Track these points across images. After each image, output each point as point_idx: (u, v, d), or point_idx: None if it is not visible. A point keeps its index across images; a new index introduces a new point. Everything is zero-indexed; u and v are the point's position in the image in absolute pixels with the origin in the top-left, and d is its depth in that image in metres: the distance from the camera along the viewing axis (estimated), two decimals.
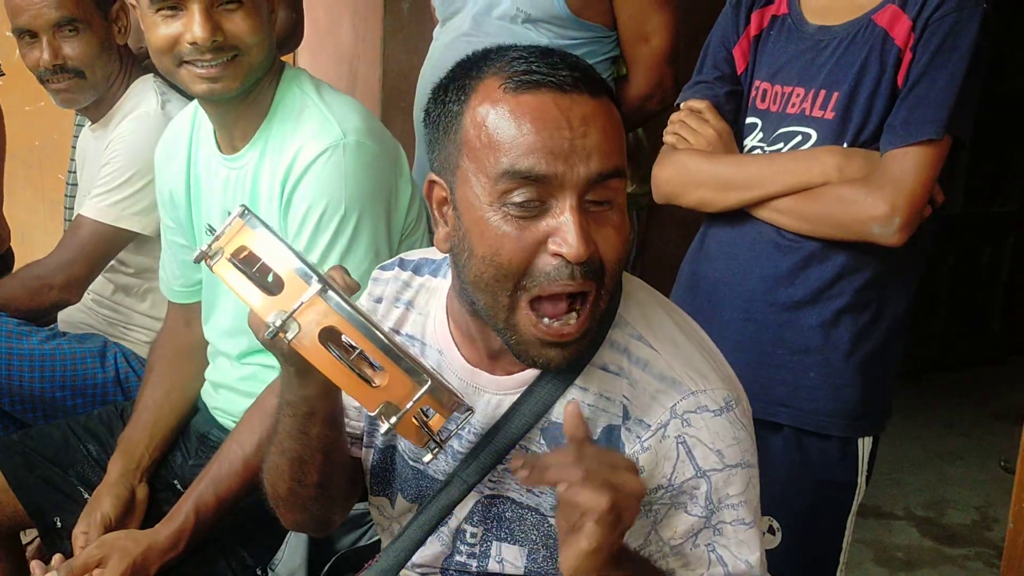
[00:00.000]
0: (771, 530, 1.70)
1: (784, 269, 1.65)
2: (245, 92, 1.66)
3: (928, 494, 3.65)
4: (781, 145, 1.66)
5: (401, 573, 1.28)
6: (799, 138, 1.64)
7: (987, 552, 3.28)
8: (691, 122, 1.76)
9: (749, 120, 1.74)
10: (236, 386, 1.84)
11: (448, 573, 1.28)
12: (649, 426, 1.14)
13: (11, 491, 1.93)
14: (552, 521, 1.19)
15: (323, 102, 1.68)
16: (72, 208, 2.55)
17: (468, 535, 1.25)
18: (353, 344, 1.04)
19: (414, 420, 1.07)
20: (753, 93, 1.74)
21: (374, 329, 1.02)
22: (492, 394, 1.21)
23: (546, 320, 1.09)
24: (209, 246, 1.07)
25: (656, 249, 2.92)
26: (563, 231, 1.05)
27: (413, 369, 1.04)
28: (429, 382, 1.04)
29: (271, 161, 1.67)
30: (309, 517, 1.33)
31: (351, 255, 1.62)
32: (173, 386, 1.94)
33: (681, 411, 1.14)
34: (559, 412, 1.16)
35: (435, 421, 1.09)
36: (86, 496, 1.88)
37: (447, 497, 1.22)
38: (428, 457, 1.09)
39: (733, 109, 1.77)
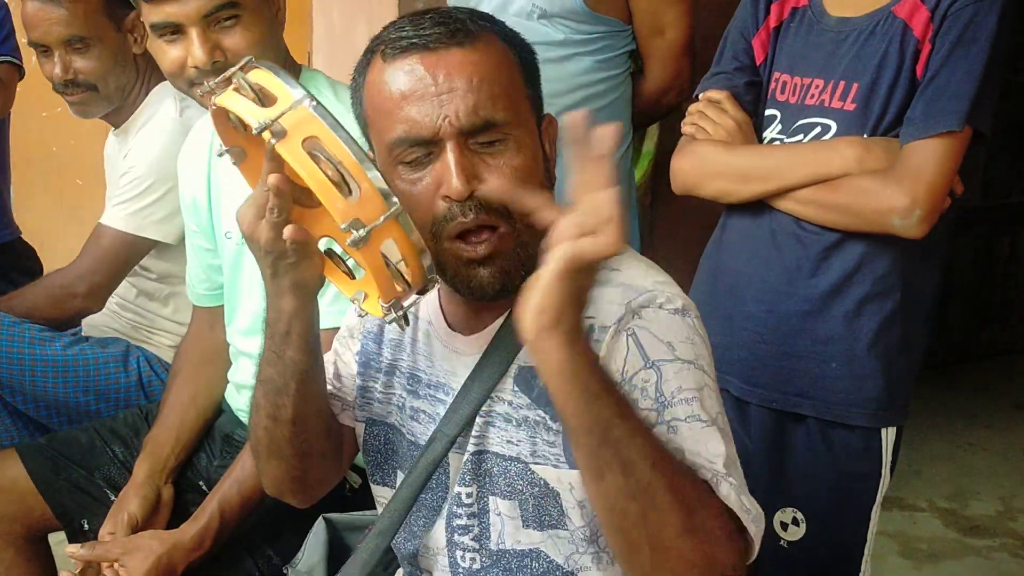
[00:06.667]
0: (795, 521, 1.71)
1: (805, 260, 1.64)
2: None
3: (951, 486, 3.64)
4: (801, 136, 1.66)
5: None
6: (818, 129, 1.64)
7: (1012, 543, 3.26)
8: (710, 112, 1.75)
9: (768, 112, 1.74)
10: None
11: (453, 545, 1.29)
12: (607, 327, 1.15)
13: (38, 494, 1.96)
14: (535, 468, 1.20)
15: (338, 100, 1.70)
16: None
17: (464, 496, 1.27)
18: (332, 159, 1.06)
19: (386, 268, 1.10)
20: (772, 85, 1.73)
21: (355, 143, 1.06)
22: (470, 355, 1.25)
23: (464, 244, 1.15)
24: (227, 77, 1.12)
25: (676, 243, 2.91)
26: (445, 175, 1.13)
27: (387, 192, 1.06)
28: (398, 204, 1.07)
29: None
30: (287, 468, 1.34)
31: None
32: (198, 389, 1.97)
33: (636, 306, 1.15)
34: (526, 356, 1.19)
35: (404, 293, 1.13)
36: (112, 498, 1.90)
37: (432, 453, 1.26)
38: (390, 317, 1.13)
39: (752, 100, 1.76)
